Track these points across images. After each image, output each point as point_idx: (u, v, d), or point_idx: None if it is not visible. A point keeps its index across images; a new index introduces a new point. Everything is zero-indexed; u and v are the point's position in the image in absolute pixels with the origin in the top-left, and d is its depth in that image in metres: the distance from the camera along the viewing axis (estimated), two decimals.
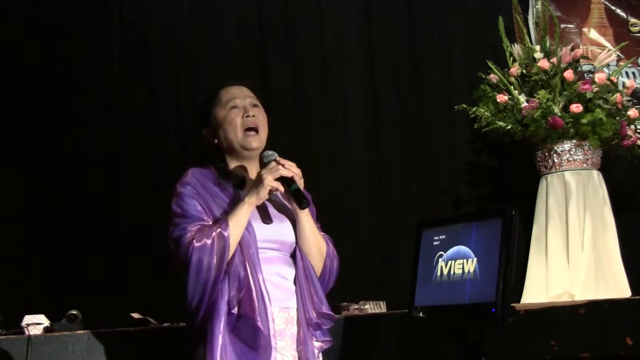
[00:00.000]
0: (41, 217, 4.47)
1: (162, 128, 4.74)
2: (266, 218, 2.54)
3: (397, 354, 3.25)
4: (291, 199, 2.53)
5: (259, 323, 2.38)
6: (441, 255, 2.56)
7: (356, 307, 3.68)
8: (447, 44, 5.01)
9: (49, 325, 3.20)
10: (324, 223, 2.74)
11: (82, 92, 4.70)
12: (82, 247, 4.43)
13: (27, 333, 3.12)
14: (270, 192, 2.47)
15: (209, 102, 2.68)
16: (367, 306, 3.71)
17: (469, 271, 2.44)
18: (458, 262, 2.49)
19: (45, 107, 4.63)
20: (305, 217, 2.57)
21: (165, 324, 3.43)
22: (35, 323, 3.19)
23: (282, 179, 2.49)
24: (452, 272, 2.50)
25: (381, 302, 3.83)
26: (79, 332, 3.11)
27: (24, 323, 3.19)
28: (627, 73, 4.85)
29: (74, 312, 3.41)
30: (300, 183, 2.52)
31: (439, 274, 2.55)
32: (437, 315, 2.54)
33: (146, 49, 4.82)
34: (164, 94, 4.77)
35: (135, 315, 3.45)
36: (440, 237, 2.59)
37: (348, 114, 4.89)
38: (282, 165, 2.50)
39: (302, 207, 2.50)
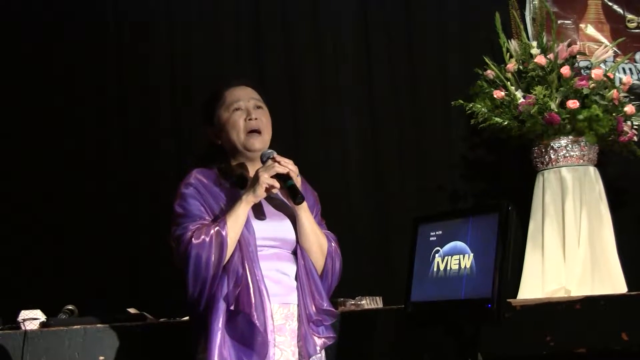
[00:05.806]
0: (37, 212, 4.45)
1: (158, 127, 4.72)
2: (262, 215, 2.55)
3: (393, 350, 3.26)
4: (287, 195, 2.55)
5: (255, 319, 2.40)
6: (437, 251, 2.56)
7: (353, 302, 3.68)
8: (444, 40, 5.00)
9: (45, 320, 3.20)
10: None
11: (79, 92, 4.67)
12: (79, 242, 4.42)
13: (23, 328, 3.11)
14: (268, 190, 2.49)
15: (213, 101, 2.69)
16: (363, 302, 3.71)
17: (465, 267, 2.44)
18: (454, 257, 2.49)
19: (43, 106, 4.60)
20: (304, 214, 2.58)
21: (162, 319, 3.43)
22: (32, 318, 3.19)
23: (278, 176, 2.50)
24: (448, 268, 2.50)
25: (378, 298, 3.82)
26: (75, 327, 3.10)
27: (20, 318, 3.18)
28: (623, 69, 4.86)
29: (70, 307, 3.40)
30: (297, 180, 2.53)
31: (435, 269, 2.55)
32: (434, 311, 2.55)
33: (143, 49, 4.80)
34: (160, 94, 4.75)
35: (132, 311, 3.45)
36: (437, 232, 2.59)
37: (345, 111, 4.88)
38: (278, 163, 2.51)
39: (296, 203, 2.52)
